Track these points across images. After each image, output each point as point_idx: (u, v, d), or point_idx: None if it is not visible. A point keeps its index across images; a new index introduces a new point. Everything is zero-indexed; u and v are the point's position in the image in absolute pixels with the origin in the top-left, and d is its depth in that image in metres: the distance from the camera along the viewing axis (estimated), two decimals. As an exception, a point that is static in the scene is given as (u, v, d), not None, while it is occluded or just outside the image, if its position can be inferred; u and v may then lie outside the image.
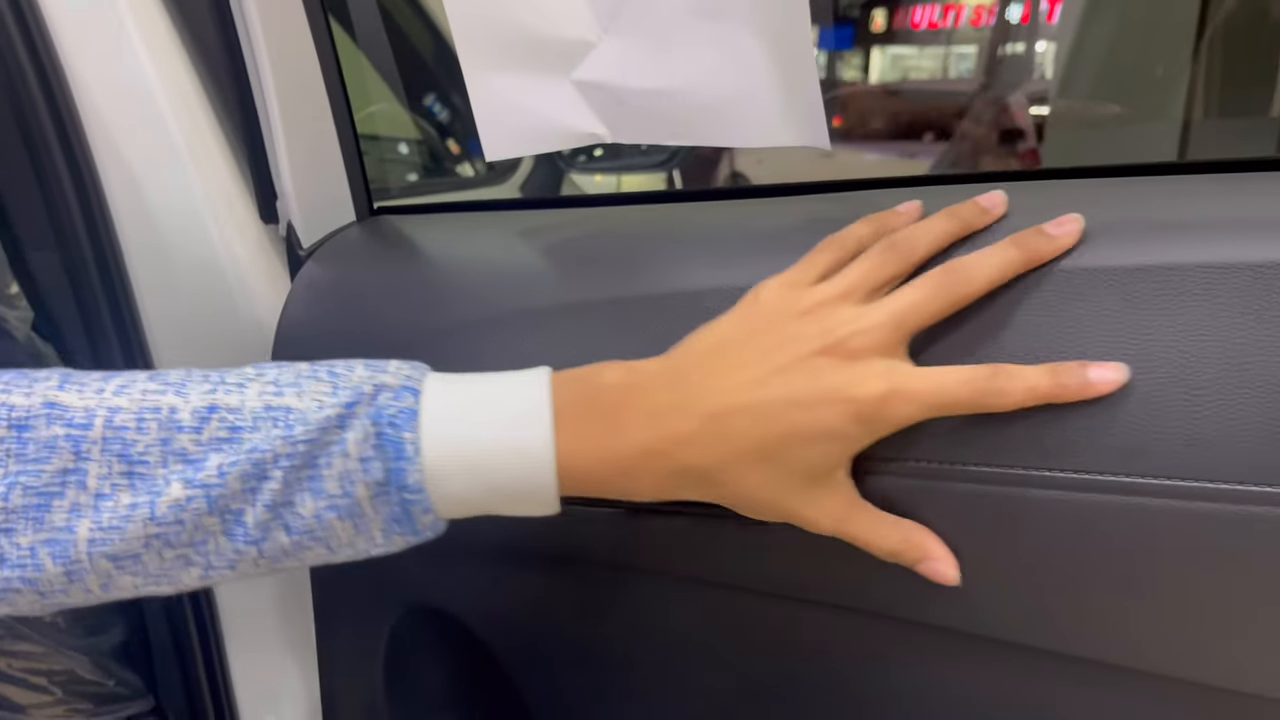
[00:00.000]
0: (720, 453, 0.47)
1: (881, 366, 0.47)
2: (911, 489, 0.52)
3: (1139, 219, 0.54)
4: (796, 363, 0.46)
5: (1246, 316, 0.47)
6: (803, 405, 0.46)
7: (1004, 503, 0.51)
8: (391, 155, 1.82)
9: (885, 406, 0.46)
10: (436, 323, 0.66)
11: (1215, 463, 0.47)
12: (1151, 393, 0.48)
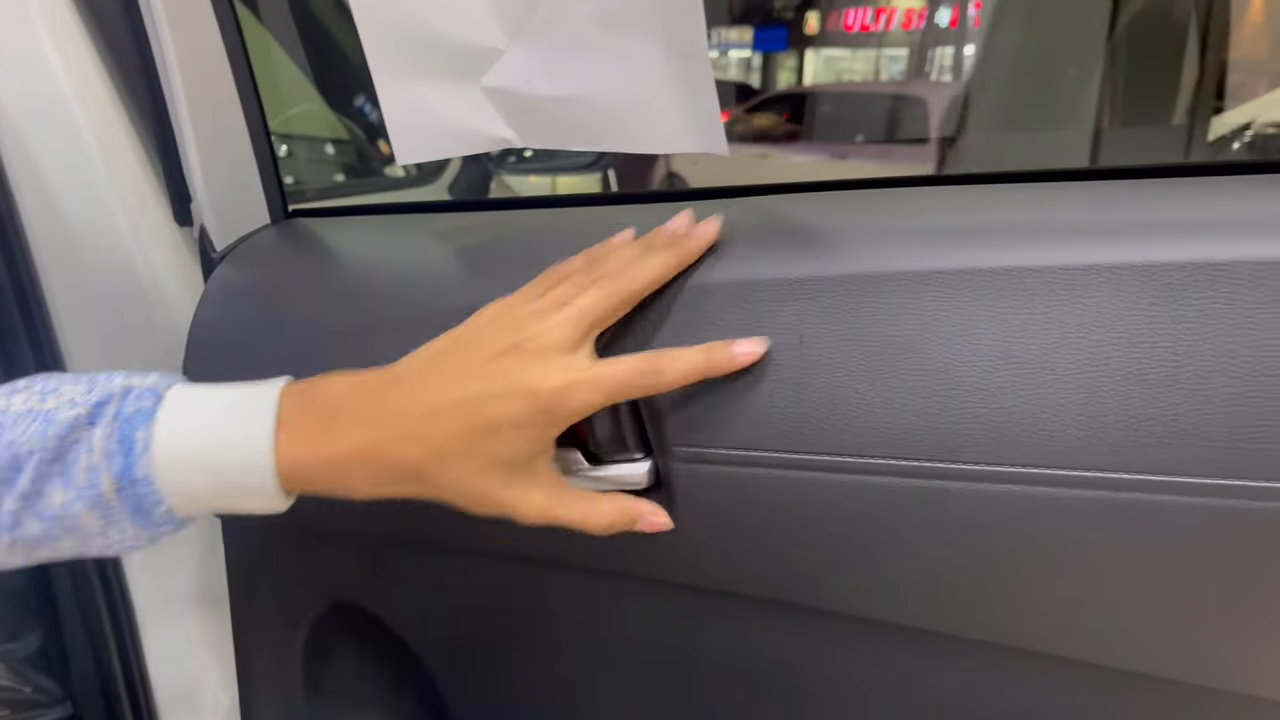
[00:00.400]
0: (425, 450, 0.51)
1: (561, 362, 0.52)
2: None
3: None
4: (489, 362, 0.52)
5: (1060, 314, 0.51)
6: (494, 399, 0.51)
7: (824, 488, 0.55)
8: (317, 156, 1.81)
9: (565, 395, 0.51)
10: (348, 324, 0.67)
11: (1030, 449, 0.52)
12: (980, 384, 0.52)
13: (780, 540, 0.59)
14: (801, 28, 8.12)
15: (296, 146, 1.76)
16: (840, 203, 0.67)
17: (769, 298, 0.57)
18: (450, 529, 0.68)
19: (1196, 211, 0.55)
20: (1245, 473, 0.48)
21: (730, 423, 0.57)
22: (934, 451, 0.54)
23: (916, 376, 0.54)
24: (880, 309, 0.55)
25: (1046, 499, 0.52)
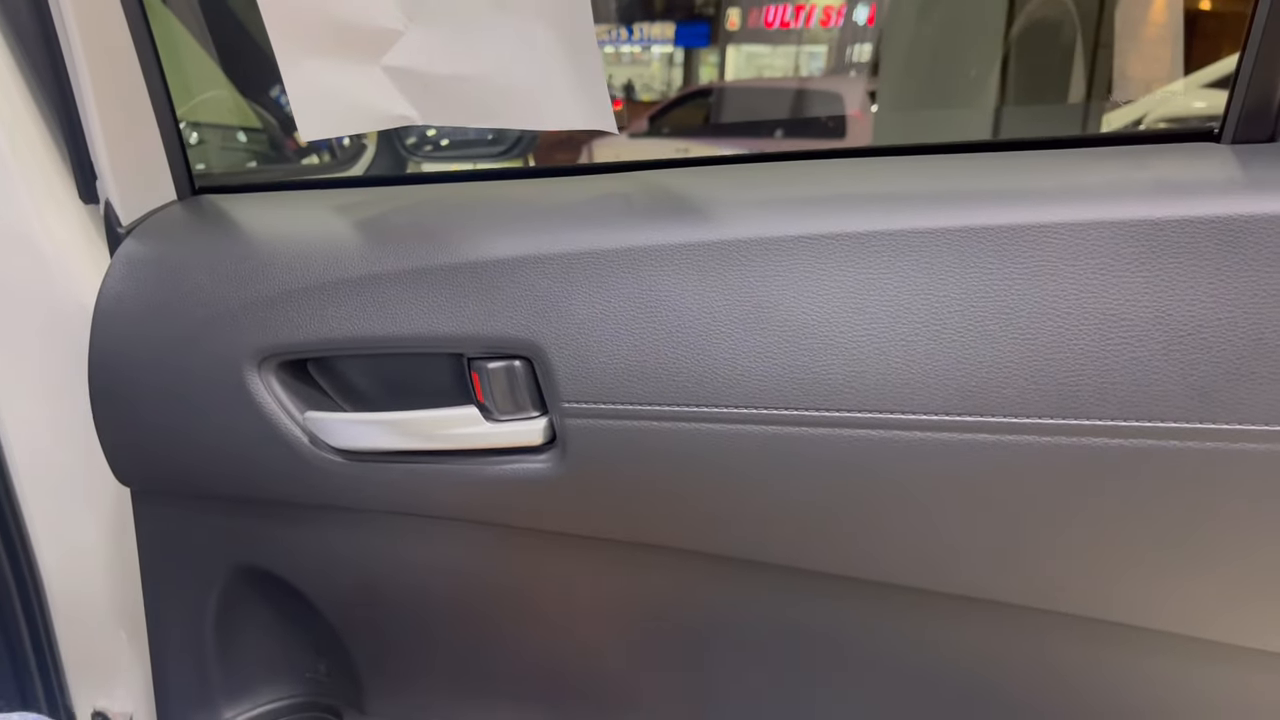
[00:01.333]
0: None
1: None
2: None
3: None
4: None
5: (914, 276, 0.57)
6: None
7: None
8: (230, 144, 1.81)
9: None
10: (253, 294, 0.70)
11: (882, 395, 0.57)
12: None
13: (666, 489, 0.63)
14: (723, 24, 8.20)
15: (207, 134, 1.75)
16: (721, 176, 0.72)
17: (653, 262, 0.61)
18: (354, 493, 0.71)
19: (1024, 181, 0.61)
20: (1069, 412, 0.54)
21: (618, 380, 0.62)
22: (799, 400, 0.59)
23: (783, 333, 0.59)
24: (751, 271, 0.60)
25: (898, 441, 0.58)
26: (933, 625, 0.64)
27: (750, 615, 0.68)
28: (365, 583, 0.77)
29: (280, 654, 0.87)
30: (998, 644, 0.64)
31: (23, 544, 0.92)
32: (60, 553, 0.92)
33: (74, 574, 0.94)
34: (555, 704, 0.77)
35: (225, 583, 0.82)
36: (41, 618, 0.97)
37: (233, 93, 1.76)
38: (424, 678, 0.80)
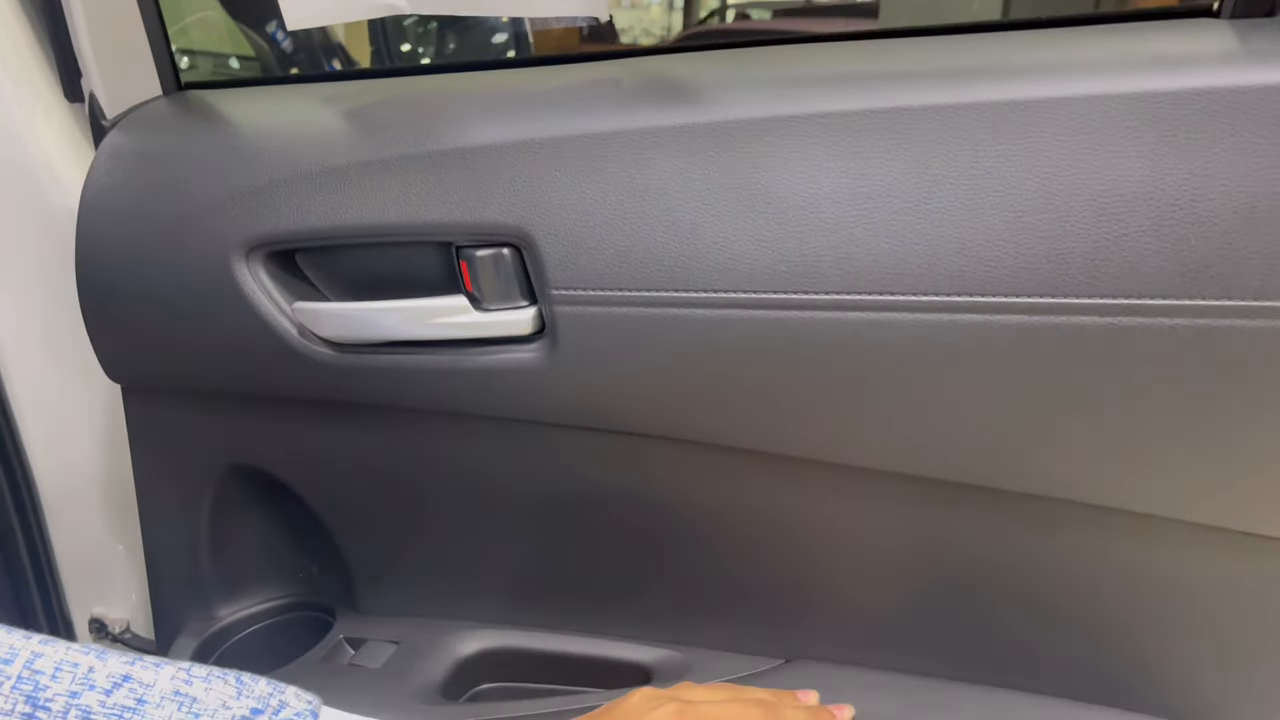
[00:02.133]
0: None
1: None
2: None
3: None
4: None
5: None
6: None
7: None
8: (222, 72, 1.79)
9: None
10: (240, 184, 0.69)
11: (873, 278, 0.57)
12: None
13: (655, 377, 0.63)
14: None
15: (199, 61, 1.73)
16: (712, 61, 0.70)
17: (643, 145, 0.61)
18: (343, 385, 0.71)
19: (1019, 58, 0.60)
20: (1060, 291, 0.54)
21: (608, 267, 0.61)
22: (788, 284, 0.58)
23: (773, 215, 0.58)
24: (742, 153, 0.59)
25: (888, 323, 0.57)
26: (921, 512, 0.65)
27: (739, 504, 0.68)
28: (356, 480, 0.77)
29: (273, 554, 0.88)
30: (987, 530, 0.64)
31: (15, 449, 0.92)
32: (53, 457, 0.93)
33: (68, 479, 0.94)
34: (546, 597, 0.77)
35: (218, 483, 0.82)
36: (37, 525, 0.97)
37: (223, 16, 1.74)
38: (417, 574, 0.81)
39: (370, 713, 0.71)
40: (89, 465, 0.93)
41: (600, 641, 0.77)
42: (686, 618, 0.75)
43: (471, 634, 0.79)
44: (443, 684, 0.75)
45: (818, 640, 0.72)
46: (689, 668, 0.73)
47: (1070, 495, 0.60)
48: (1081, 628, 0.66)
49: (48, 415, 0.91)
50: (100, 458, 0.92)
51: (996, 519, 0.63)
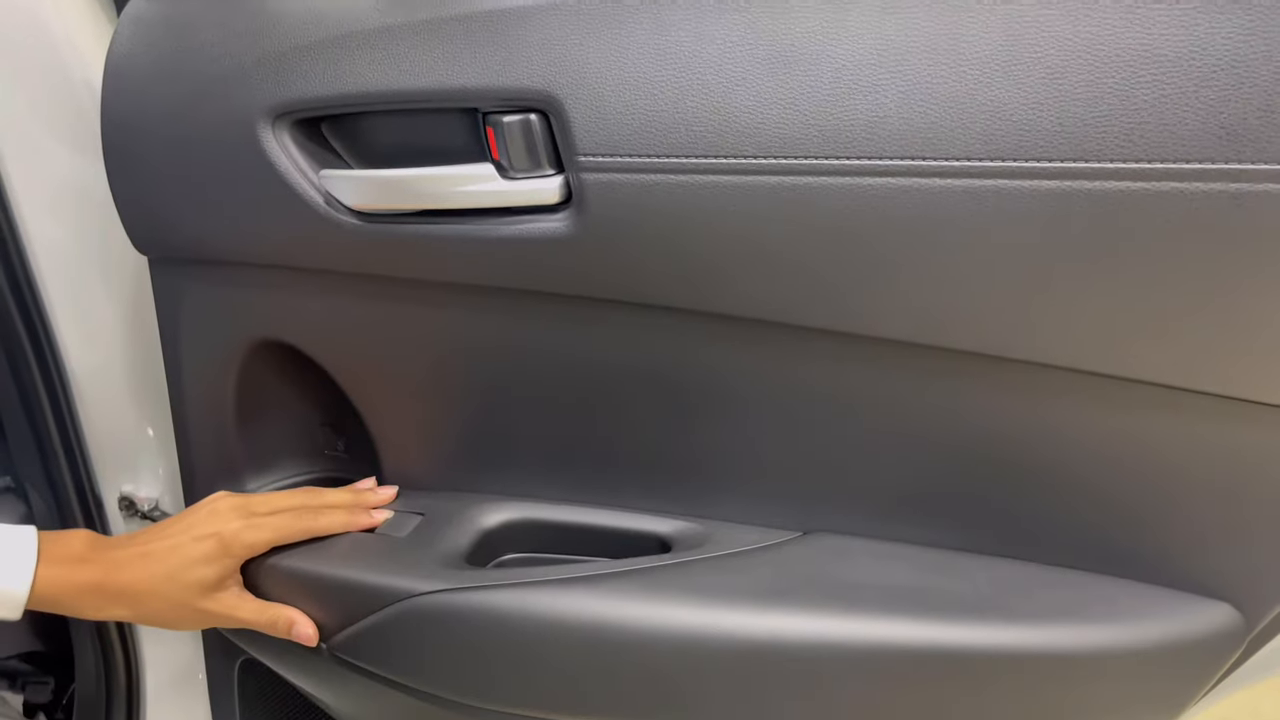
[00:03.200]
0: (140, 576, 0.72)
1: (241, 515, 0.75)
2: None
3: None
4: (195, 519, 0.76)
5: None
6: (189, 540, 0.73)
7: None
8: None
9: (240, 535, 0.74)
10: (265, 49, 0.68)
11: (905, 141, 0.57)
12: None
13: (684, 246, 0.63)
14: None
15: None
16: None
17: (672, 5, 0.60)
18: (369, 256, 0.71)
19: None
20: (1096, 155, 0.54)
21: (636, 132, 0.61)
22: (819, 149, 0.58)
23: (805, 77, 0.58)
24: (775, 12, 0.58)
25: (919, 189, 0.57)
26: (943, 384, 0.65)
27: (760, 377, 0.69)
28: (383, 354, 0.78)
29: (301, 432, 0.90)
30: (1005, 403, 0.65)
31: (43, 323, 0.93)
32: (81, 331, 0.94)
33: (95, 353, 0.95)
34: (569, 470, 0.79)
35: (245, 358, 0.83)
36: (65, 402, 0.99)
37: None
38: (442, 449, 0.82)
39: (398, 575, 0.73)
40: (116, 341, 0.94)
41: (621, 514, 0.79)
42: (705, 491, 0.76)
43: (495, 506, 0.81)
44: (468, 552, 0.77)
45: (834, 513, 0.74)
46: (707, 539, 0.75)
47: (1094, 367, 0.60)
48: (1092, 500, 0.67)
49: (74, 291, 0.92)
50: (128, 333, 0.93)
51: (1016, 391, 0.64)
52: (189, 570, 0.72)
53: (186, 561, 0.72)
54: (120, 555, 0.73)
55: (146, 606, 0.72)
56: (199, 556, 0.72)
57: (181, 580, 0.72)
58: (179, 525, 0.75)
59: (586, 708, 0.70)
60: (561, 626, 0.69)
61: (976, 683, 0.65)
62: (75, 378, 0.98)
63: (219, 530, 0.73)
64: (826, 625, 0.65)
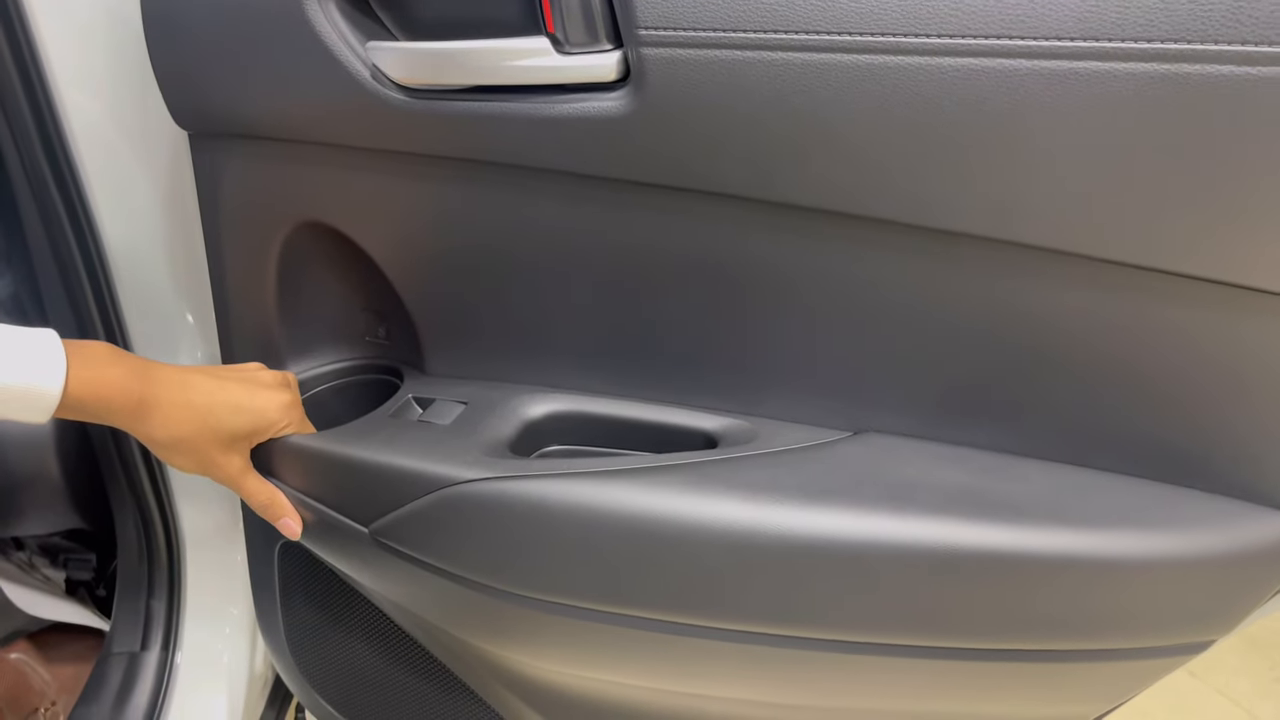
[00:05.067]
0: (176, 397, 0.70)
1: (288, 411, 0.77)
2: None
3: None
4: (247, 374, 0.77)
5: None
6: (237, 386, 0.74)
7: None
8: None
9: (284, 417, 0.77)
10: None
11: (991, 19, 0.53)
12: None
13: (748, 128, 0.60)
14: None
15: None
16: None
17: None
18: (416, 134, 0.69)
19: None
20: (1207, 35, 0.50)
21: (701, 3, 0.57)
22: (898, 24, 0.54)
23: None
24: None
25: (1005, 71, 0.54)
26: (1000, 281, 0.63)
27: (815, 271, 0.67)
28: (427, 238, 0.76)
29: (342, 316, 0.88)
30: (1060, 301, 0.62)
31: (81, 201, 0.92)
32: (120, 209, 0.92)
33: (134, 232, 0.94)
34: (615, 363, 0.77)
35: (286, 239, 0.81)
36: (105, 280, 0.98)
37: None
38: (486, 337, 0.81)
39: (441, 462, 0.73)
40: (156, 220, 0.93)
41: (668, 409, 0.78)
42: (755, 388, 0.75)
43: (540, 397, 0.80)
44: (511, 442, 0.76)
45: (886, 412, 0.72)
46: (755, 436, 0.74)
47: (1177, 267, 0.58)
48: (1155, 405, 0.65)
49: (113, 168, 0.90)
50: (167, 213, 0.92)
51: (1088, 289, 0.61)
52: (227, 414, 0.72)
53: (229, 403, 0.72)
54: (159, 372, 0.70)
55: (169, 430, 0.69)
56: (242, 405, 0.73)
57: (215, 418, 0.71)
58: (228, 370, 0.75)
59: (627, 600, 0.70)
60: (605, 518, 0.68)
61: (1028, 586, 0.64)
62: (114, 258, 0.97)
63: (269, 402, 0.75)
64: (877, 525, 0.64)
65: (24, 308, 1.11)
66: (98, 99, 0.87)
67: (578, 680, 0.82)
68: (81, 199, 0.93)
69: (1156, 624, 0.66)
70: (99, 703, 1.12)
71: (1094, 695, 0.72)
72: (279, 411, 0.76)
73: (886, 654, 0.68)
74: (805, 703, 0.76)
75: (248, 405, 0.74)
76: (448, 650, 0.90)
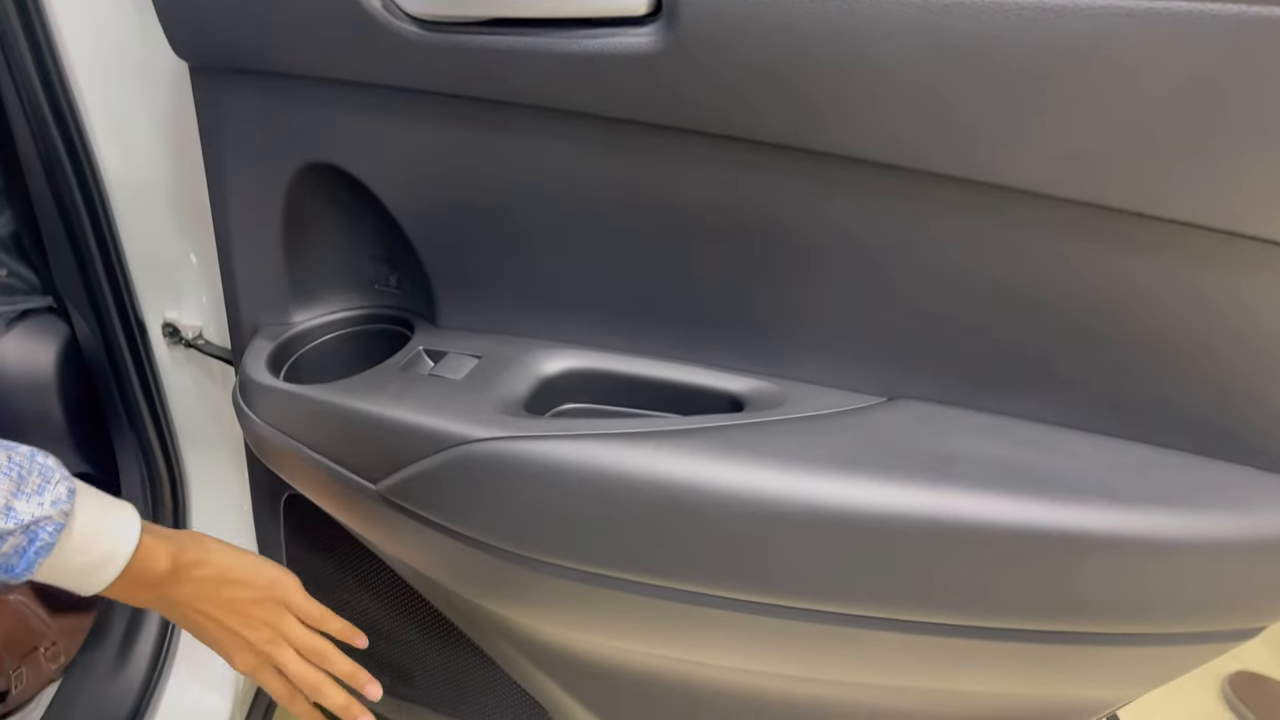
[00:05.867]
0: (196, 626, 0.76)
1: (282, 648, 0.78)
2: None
3: None
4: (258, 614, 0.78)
5: None
6: (244, 629, 0.77)
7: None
8: None
9: (273, 662, 0.79)
10: None
11: None
12: None
13: (790, 70, 0.55)
14: None
15: None
16: None
17: None
18: (430, 70, 0.64)
19: None
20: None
21: None
22: None
23: None
24: None
25: (1075, 9, 0.49)
26: (1047, 243, 0.58)
27: (851, 226, 0.62)
28: (441, 182, 0.72)
29: (351, 262, 0.84)
30: (1107, 264, 0.58)
31: (80, 135, 0.88)
32: (120, 144, 0.88)
33: (135, 168, 0.90)
34: (637, 319, 0.73)
35: (293, 181, 0.77)
36: (105, 215, 0.94)
37: None
38: (502, 288, 0.77)
39: (453, 420, 0.69)
40: (158, 157, 0.89)
41: (691, 369, 0.74)
42: (785, 349, 0.71)
43: (557, 353, 0.76)
44: (526, 400, 0.73)
45: (922, 378, 0.68)
46: (783, 400, 0.70)
47: (1255, 230, 0.53)
48: (1216, 380, 0.61)
49: (113, 101, 0.86)
50: (169, 150, 0.88)
51: (1152, 253, 0.57)
52: (233, 655, 0.78)
53: (234, 647, 0.78)
54: (186, 595, 0.74)
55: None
56: (245, 647, 0.78)
57: (224, 655, 0.79)
58: (238, 613, 0.77)
59: (646, 568, 0.67)
60: (625, 483, 0.65)
61: (1074, 566, 0.60)
62: (114, 194, 0.93)
63: (248, 652, 0.78)
64: (913, 498, 0.61)
65: (24, 247, 1.07)
66: (96, 28, 0.83)
67: (590, 646, 0.79)
68: (81, 134, 0.89)
69: (1207, 608, 0.62)
70: (102, 649, 1.11)
71: (1134, 679, 0.69)
72: (274, 667, 0.79)
73: (919, 632, 0.65)
74: (829, 678, 0.73)
75: (252, 664, 0.79)
76: (456, 610, 0.87)
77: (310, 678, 0.80)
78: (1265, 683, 2.00)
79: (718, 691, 0.79)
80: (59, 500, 0.64)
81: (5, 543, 0.61)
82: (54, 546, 0.63)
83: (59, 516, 0.63)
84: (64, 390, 1.11)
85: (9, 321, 1.08)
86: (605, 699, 0.85)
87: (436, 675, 0.96)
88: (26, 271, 1.08)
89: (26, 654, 1.10)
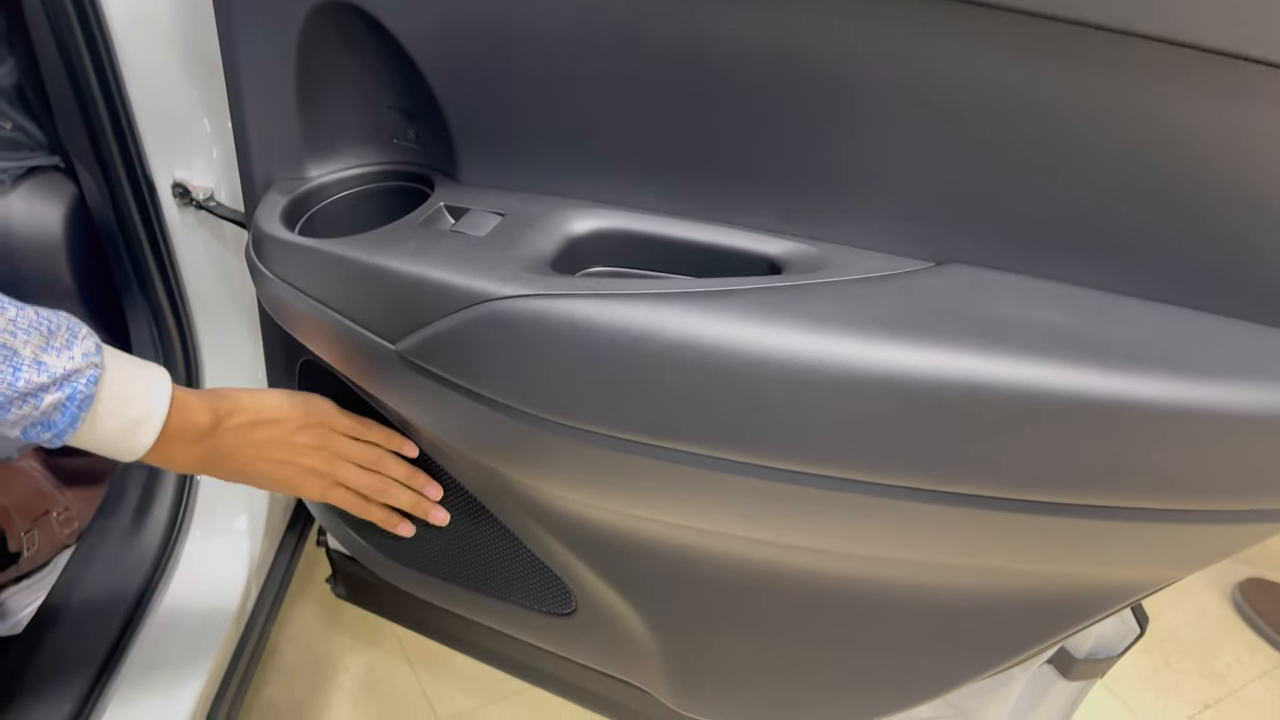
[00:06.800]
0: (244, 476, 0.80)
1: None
2: None
3: None
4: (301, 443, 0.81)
5: None
6: (294, 470, 0.82)
7: None
8: None
9: (330, 489, 0.85)
10: None
11: None
12: None
13: None
14: None
15: None
16: None
17: None
18: None
19: None
20: None
21: None
22: None
23: None
24: None
25: None
26: (1145, 81, 0.54)
27: (917, 66, 0.57)
28: (466, 22, 0.67)
29: (369, 116, 0.80)
30: (1220, 110, 0.54)
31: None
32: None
33: (143, 18, 0.85)
34: (671, 176, 0.69)
35: (307, 22, 0.72)
36: (111, 68, 0.90)
37: None
38: (526, 143, 0.72)
39: (476, 276, 0.66)
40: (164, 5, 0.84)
41: (728, 230, 0.70)
42: (825, 208, 0.67)
43: (585, 212, 0.72)
44: (553, 259, 0.69)
45: (974, 241, 0.64)
46: (825, 263, 0.66)
47: None
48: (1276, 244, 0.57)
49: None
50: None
51: (1224, 100, 0.52)
52: (301, 485, 0.82)
53: (298, 479, 0.81)
54: (232, 447, 0.76)
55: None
56: (307, 474, 0.81)
57: (292, 490, 0.83)
58: (286, 446, 0.79)
59: (676, 433, 0.64)
60: (656, 344, 0.61)
61: (1136, 439, 0.57)
62: (119, 40, 0.88)
63: (314, 478, 0.82)
64: (962, 364, 0.57)
65: (26, 97, 1.03)
66: None
67: (611, 516, 0.77)
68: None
69: (1267, 485, 0.59)
70: (118, 515, 1.10)
71: (1185, 558, 0.67)
72: (327, 494, 0.85)
73: (962, 504, 0.62)
74: (866, 552, 0.71)
75: (309, 489, 0.84)
76: (474, 477, 0.85)
77: (375, 483, 0.84)
78: (1275, 589, 2.00)
79: (739, 567, 0.78)
80: (89, 353, 0.62)
81: (43, 400, 0.59)
82: (93, 400, 0.62)
83: (90, 369, 0.61)
84: (73, 252, 1.08)
85: (15, 178, 1.04)
86: (622, 570, 0.83)
87: (451, 545, 0.95)
88: (32, 126, 1.04)
89: (38, 517, 1.10)
